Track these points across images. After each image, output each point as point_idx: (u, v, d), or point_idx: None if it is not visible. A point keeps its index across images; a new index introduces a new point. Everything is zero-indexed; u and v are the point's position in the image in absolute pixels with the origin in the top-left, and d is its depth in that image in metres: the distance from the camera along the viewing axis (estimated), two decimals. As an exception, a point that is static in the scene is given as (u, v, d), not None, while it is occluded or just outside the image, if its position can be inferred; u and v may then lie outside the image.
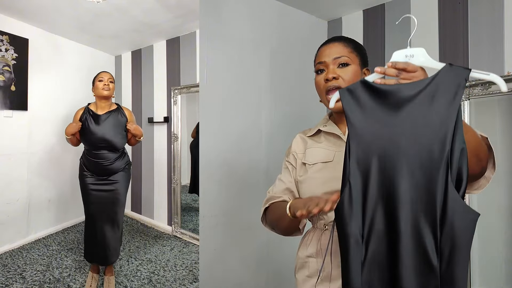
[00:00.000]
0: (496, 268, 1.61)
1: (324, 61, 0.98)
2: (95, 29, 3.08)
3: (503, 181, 1.56)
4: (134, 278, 2.41)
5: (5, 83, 2.74)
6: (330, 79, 0.95)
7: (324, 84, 0.97)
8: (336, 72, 0.96)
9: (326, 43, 1.03)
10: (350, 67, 0.97)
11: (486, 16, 1.57)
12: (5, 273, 2.44)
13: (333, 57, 0.97)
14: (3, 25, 2.73)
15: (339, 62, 0.97)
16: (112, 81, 2.20)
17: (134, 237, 3.23)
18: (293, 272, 1.10)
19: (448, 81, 0.68)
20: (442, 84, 0.68)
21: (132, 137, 2.28)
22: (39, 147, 3.10)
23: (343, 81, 0.95)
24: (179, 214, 3.28)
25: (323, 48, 1.02)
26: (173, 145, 3.26)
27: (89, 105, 2.23)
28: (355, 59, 0.98)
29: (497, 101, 1.58)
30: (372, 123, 0.73)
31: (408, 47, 0.75)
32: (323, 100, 1.01)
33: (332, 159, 0.98)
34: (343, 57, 0.97)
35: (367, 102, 0.74)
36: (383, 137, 0.71)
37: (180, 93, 3.21)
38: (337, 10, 2.04)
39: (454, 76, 0.67)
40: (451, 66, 0.68)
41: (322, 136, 1.05)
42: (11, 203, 2.86)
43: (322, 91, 0.99)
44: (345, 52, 0.97)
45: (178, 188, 3.26)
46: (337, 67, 0.97)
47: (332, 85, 0.95)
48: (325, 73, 0.98)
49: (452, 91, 0.67)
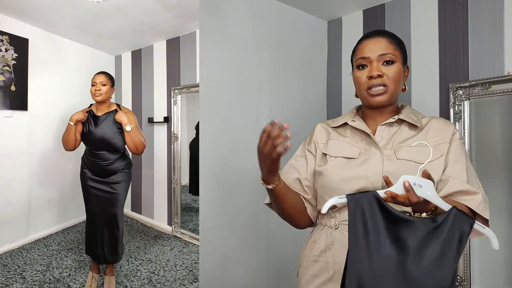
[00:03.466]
0: (496, 268, 1.61)
1: (368, 57, 0.94)
2: (95, 29, 3.08)
3: (503, 181, 1.56)
4: (134, 278, 2.41)
5: (5, 83, 2.74)
6: (375, 76, 0.92)
7: (367, 80, 0.94)
8: (381, 69, 0.92)
9: (369, 36, 0.98)
10: (395, 65, 0.93)
11: (486, 16, 1.57)
12: (5, 273, 2.44)
13: (378, 53, 0.93)
14: (3, 25, 2.73)
15: (384, 59, 0.92)
16: (104, 83, 2.14)
17: (134, 237, 3.23)
18: (293, 272, 1.08)
19: (454, 227, 0.71)
20: (451, 228, 0.71)
21: (131, 143, 2.12)
22: (39, 147, 3.10)
23: (388, 79, 0.92)
24: (179, 214, 3.28)
25: (366, 41, 0.97)
26: (173, 145, 3.26)
27: (91, 106, 2.24)
28: (399, 56, 0.95)
29: (497, 101, 1.57)
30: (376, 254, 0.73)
31: (418, 174, 0.76)
32: (363, 96, 0.98)
33: (357, 156, 0.96)
34: (389, 55, 0.92)
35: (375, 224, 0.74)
36: (386, 271, 0.72)
37: (180, 93, 3.21)
38: (337, 10, 2.04)
39: (459, 222, 0.71)
40: (457, 211, 0.71)
41: (349, 130, 1.02)
42: (11, 203, 2.86)
43: (364, 87, 0.95)
44: (391, 49, 0.93)
45: (178, 188, 3.26)
46: (382, 64, 0.93)
47: (377, 82, 0.92)
48: (368, 69, 0.94)
49: (457, 236, 0.70)
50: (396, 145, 0.93)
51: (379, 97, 0.93)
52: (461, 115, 1.62)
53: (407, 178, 0.73)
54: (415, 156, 0.90)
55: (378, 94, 0.93)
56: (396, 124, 0.97)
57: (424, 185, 0.73)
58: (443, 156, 0.91)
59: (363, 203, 0.74)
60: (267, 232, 1.84)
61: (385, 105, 0.96)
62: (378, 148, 0.94)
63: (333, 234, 0.95)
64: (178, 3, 2.48)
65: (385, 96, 0.93)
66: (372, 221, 0.73)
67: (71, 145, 2.15)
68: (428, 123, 0.96)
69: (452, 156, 0.91)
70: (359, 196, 0.75)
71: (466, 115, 1.61)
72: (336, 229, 0.95)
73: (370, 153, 0.94)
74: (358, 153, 0.96)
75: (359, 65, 0.97)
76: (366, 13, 2.01)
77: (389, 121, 0.97)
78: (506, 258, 1.57)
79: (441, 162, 0.90)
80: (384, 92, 0.93)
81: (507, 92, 1.49)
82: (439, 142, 0.92)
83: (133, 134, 2.11)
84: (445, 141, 0.92)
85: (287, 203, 0.99)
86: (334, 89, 2.15)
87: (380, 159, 0.92)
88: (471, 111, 1.61)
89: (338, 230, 0.95)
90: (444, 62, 1.69)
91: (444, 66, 1.69)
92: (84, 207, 2.29)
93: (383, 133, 0.97)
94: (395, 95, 0.96)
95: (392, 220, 0.73)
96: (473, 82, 1.57)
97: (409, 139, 0.93)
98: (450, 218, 0.70)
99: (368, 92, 0.94)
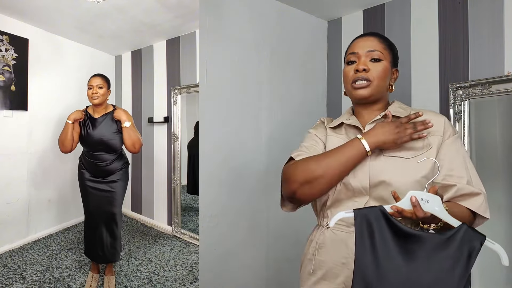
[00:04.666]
0: (496, 269, 1.61)
1: (357, 52, 0.97)
2: (95, 29, 3.08)
3: (503, 181, 1.56)
4: (134, 278, 2.41)
5: (5, 83, 2.74)
6: (360, 70, 0.95)
7: (353, 74, 0.96)
8: (368, 65, 0.95)
9: (361, 36, 1.03)
10: (382, 63, 0.96)
11: (486, 16, 1.57)
12: (5, 273, 2.44)
13: (367, 49, 0.96)
14: (3, 25, 2.73)
15: (372, 56, 0.96)
16: (101, 86, 2.14)
17: (134, 237, 3.23)
18: (293, 272, 1.10)
19: (464, 242, 0.71)
20: (460, 244, 0.71)
21: (129, 140, 2.14)
22: (39, 147, 3.10)
23: (373, 75, 0.95)
24: (179, 214, 3.28)
25: (357, 40, 1.01)
26: (173, 145, 3.26)
27: (87, 108, 2.24)
28: (388, 56, 0.98)
29: (497, 101, 1.57)
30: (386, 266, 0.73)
31: (425, 190, 0.76)
32: (348, 91, 1.01)
33: None
34: (377, 52, 0.96)
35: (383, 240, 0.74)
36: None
37: (180, 93, 3.21)
38: (337, 10, 2.04)
39: (470, 238, 0.70)
40: (468, 228, 0.71)
41: (343, 129, 1.05)
42: (11, 203, 2.86)
43: (349, 81, 0.98)
44: (380, 47, 0.97)
45: (178, 188, 3.25)
46: (369, 60, 0.96)
47: (361, 76, 0.95)
48: (355, 64, 0.97)
49: (466, 252, 0.70)
50: None
51: (361, 90, 0.95)
52: (461, 115, 1.62)
53: (414, 194, 0.74)
54: (402, 152, 0.90)
55: (361, 87, 0.95)
56: (384, 120, 0.98)
57: (431, 201, 0.74)
58: (432, 148, 0.91)
59: (370, 217, 0.75)
60: (267, 232, 1.84)
61: (368, 99, 0.98)
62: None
63: (325, 233, 0.98)
64: (178, 3, 2.48)
65: (368, 90, 0.95)
66: (380, 235, 0.74)
67: (68, 146, 2.13)
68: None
69: (449, 152, 0.91)
70: (366, 211, 0.76)
71: (466, 115, 1.61)
72: (327, 228, 0.97)
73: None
74: None
75: (348, 61, 1.00)
76: (366, 13, 2.01)
77: (376, 119, 0.98)
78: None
79: (430, 155, 0.90)
80: (367, 86, 0.95)
81: (507, 92, 1.49)
82: (429, 135, 0.92)
83: (131, 130, 2.15)
84: (436, 134, 0.92)
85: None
86: (334, 89, 2.15)
87: (367, 157, 0.92)
88: (471, 111, 1.61)
89: (329, 229, 0.97)
90: (444, 62, 1.69)
91: (444, 66, 1.69)
92: (83, 207, 2.29)
93: None
94: (379, 91, 0.97)
95: (399, 234, 0.73)
96: (473, 82, 1.57)
97: None
98: (460, 234, 0.71)
99: (352, 85, 0.97)
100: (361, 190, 0.92)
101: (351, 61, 0.99)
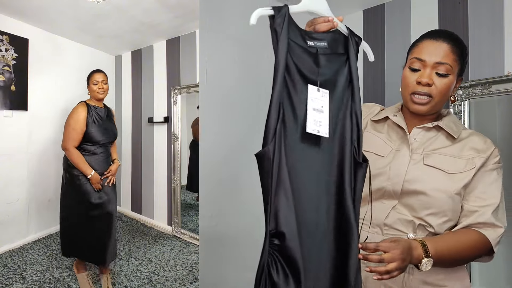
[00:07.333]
0: (496, 268, 1.61)
1: (424, 60, 0.88)
2: (95, 29, 3.08)
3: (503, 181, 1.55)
4: (134, 278, 2.41)
5: (5, 83, 2.74)
6: (424, 84, 0.87)
7: (414, 84, 0.89)
8: (432, 78, 0.87)
9: (433, 37, 0.90)
10: (448, 78, 0.87)
11: (486, 16, 1.57)
12: (5, 273, 2.44)
13: (435, 60, 0.87)
14: (3, 25, 2.73)
15: (439, 70, 0.87)
16: (105, 82, 2.25)
17: (134, 237, 3.23)
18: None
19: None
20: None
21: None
22: (39, 147, 3.10)
23: (436, 90, 0.87)
24: (179, 214, 3.28)
25: (427, 42, 0.90)
26: (173, 145, 3.26)
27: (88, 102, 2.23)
28: (456, 68, 0.88)
29: (497, 101, 1.57)
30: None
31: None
32: (404, 97, 0.94)
33: (385, 155, 0.94)
34: (446, 65, 0.86)
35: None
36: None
37: (180, 93, 3.21)
38: (337, 10, 2.04)
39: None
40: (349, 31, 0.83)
41: (386, 126, 1.00)
42: (11, 203, 2.86)
43: (409, 90, 0.91)
44: (450, 59, 0.87)
45: (178, 188, 3.26)
46: (435, 72, 0.87)
47: (423, 91, 0.88)
48: (419, 73, 0.89)
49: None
50: (428, 151, 0.91)
51: (420, 106, 0.90)
52: (461, 115, 1.62)
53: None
54: (444, 165, 0.86)
55: (420, 103, 0.89)
56: (434, 130, 0.94)
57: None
58: (474, 169, 0.86)
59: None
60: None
61: (424, 115, 0.93)
62: (409, 150, 0.92)
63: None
64: (178, 3, 2.48)
65: (427, 107, 0.90)
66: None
67: (81, 135, 2.11)
68: (468, 137, 0.92)
69: (488, 177, 0.87)
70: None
71: (466, 115, 1.61)
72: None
73: (399, 154, 0.93)
74: (387, 152, 0.94)
75: (411, 66, 0.91)
76: (366, 13, 2.01)
77: (426, 126, 0.94)
78: (506, 258, 1.57)
79: (469, 175, 0.86)
80: (427, 103, 0.89)
81: (507, 92, 1.49)
82: (473, 156, 0.87)
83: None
84: (481, 156, 0.87)
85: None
86: (334, 89, 2.14)
87: (406, 162, 0.90)
88: (471, 111, 1.61)
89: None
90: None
91: (444, 66, 1.69)
92: (80, 211, 2.17)
93: (418, 136, 0.94)
94: (438, 107, 0.92)
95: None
96: (473, 82, 1.57)
97: (442, 148, 0.90)
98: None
99: (411, 97, 0.90)
100: (391, 193, 0.89)
101: (414, 68, 0.90)
